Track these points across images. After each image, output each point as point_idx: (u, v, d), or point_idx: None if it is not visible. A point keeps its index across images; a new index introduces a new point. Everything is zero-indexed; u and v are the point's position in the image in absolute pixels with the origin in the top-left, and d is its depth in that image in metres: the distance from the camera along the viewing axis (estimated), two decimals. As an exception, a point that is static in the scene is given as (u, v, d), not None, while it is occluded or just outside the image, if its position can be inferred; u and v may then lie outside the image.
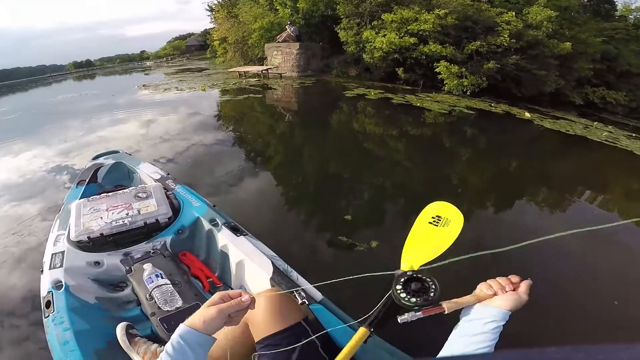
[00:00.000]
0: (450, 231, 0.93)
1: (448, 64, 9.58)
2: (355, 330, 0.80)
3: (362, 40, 11.26)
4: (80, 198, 1.86)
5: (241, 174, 3.76)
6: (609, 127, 8.50)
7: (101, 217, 1.64)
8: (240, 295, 0.71)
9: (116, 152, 2.68)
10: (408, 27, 10.23)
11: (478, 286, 0.74)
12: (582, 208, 3.49)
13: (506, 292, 0.69)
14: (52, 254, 1.45)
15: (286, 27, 13.24)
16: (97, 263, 1.48)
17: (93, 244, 1.55)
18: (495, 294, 0.69)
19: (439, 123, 6.57)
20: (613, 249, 2.65)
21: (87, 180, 2.18)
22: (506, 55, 9.75)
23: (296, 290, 1.18)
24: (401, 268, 0.83)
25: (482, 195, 3.60)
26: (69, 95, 13.80)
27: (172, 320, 1.21)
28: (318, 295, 1.19)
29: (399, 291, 0.67)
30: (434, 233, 0.94)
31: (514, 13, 10.29)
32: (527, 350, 0.25)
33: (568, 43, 10.37)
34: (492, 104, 8.97)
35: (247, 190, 3.39)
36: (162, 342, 1.15)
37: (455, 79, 9.59)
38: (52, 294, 1.23)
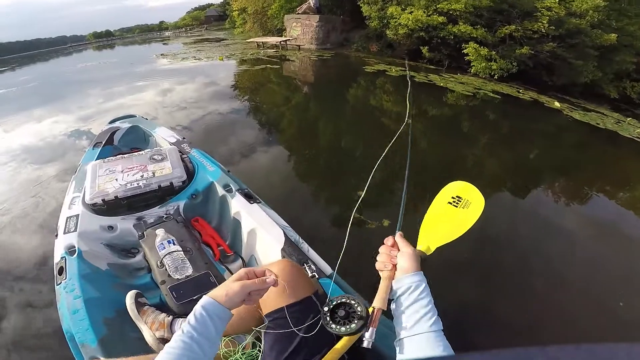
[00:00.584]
0: (470, 213, 0.88)
1: (478, 45, 9.09)
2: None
3: (386, 16, 10.76)
4: (96, 159, 1.86)
5: (255, 143, 3.76)
6: (644, 124, 7.97)
7: (116, 179, 1.63)
8: (264, 274, 0.71)
9: (133, 116, 2.68)
10: (438, 6, 9.68)
11: (377, 269, 0.74)
12: (601, 203, 3.33)
13: (395, 258, 0.71)
14: (67, 218, 1.45)
15: (308, -2, 12.77)
16: (110, 227, 1.47)
17: (107, 207, 1.54)
18: (394, 266, 0.71)
19: (460, 105, 6.30)
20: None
21: (103, 143, 2.18)
22: (542, 42, 9.15)
23: (306, 263, 1.16)
24: (417, 247, 0.82)
25: (498, 180, 3.48)
26: (88, 63, 13.97)
27: (182, 289, 1.20)
28: (328, 269, 1.16)
29: (336, 329, 0.65)
30: (453, 214, 0.89)
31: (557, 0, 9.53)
32: (528, 349, 0.25)
33: (614, 35, 9.60)
34: (520, 90, 8.54)
35: (260, 160, 3.40)
36: (170, 312, 1.13)
37: (483, 61, 9.12)
38: (65, 259, 1.22)
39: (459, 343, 0.61)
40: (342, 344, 0.74)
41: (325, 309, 0.69)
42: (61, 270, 1.18)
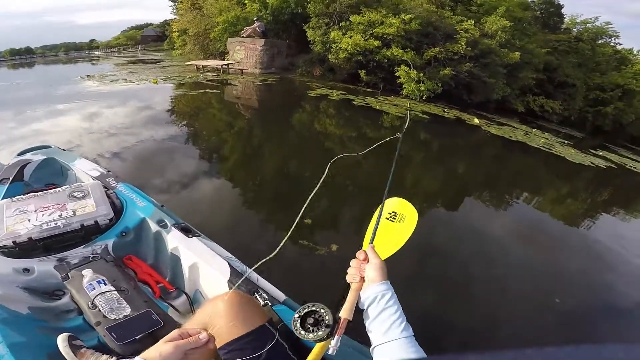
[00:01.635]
0: (406, 227, 0.95)
1: (408, 68, 9.97)
2: None
3: (329, 41, 11.37)
4: (3, 198, 1.63)
5: (195, 172, 3.59)
6: (546, 134, 9.47)
7: (29, 220, 1.46)
8: (198, 333, 0.70)
9: (47, 147, 2.37)
10: (374, 30, 10.51)
11: (347, 280, 0.78)
12: (521, 208, 3.84)
13: (364, 270, 0.75)
14: None
15: (255, 20, 12.90)
16: (26, 270, 1.33)
17: (20, 249, 1.39)
18: (362, 277, 0.75)
19: (395, 126, 6.82)
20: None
21: (10, 179, 1.90)
22: (461, 62, 10.39)
23: (257, 292, 1.15)
24: None
25: (433, 195, 3.82)
26: (-4, 84, 12.17)
27: (122, 329, 1.12)
28: (281, 296, 1.16)
29: (305, 335, 0.68)
30: (391, 228, 0.95)
31: (473, 21, 10.98)
32: (525, 350, 0.25)
33: (517, 53, 11.29)
34: (445, 110, 9.55)
35: (201, 190, 3.25)
36: (112, 353, 1.06)
37: (413, 83, 10.03)
38: None
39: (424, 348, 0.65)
40: (313, 355, 0.75)
41: (296, 315, 0.70)
42: None
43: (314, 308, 0.70)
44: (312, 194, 0.90)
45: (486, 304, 2.11)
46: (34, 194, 1.66)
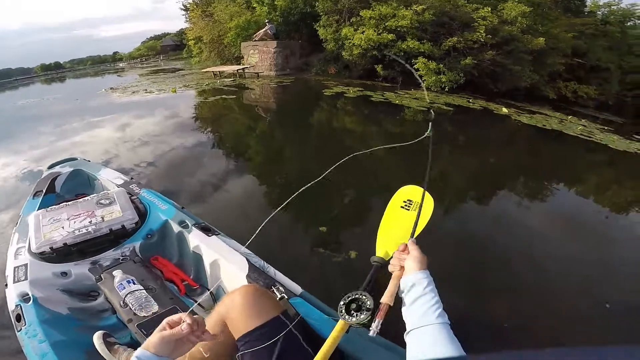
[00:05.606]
0: (422, 215, 0.92)
1: (426, 60, 9.71)
2: (337, 321, 0.81)
3: (341, 38, 11.27)
4: (38, 209, 1.76)
5: (220, 175, 3.68)
6: (582, 120, 8.87)
7: (62, 227, 1.57)
8: (180, 321, 0.71)
9: (74, 159, 2.55)
10: (386, 24, 10.31)
11: (389, 269, 0.82)
12: (561, 198, 3.58)
13: (404, 260, 0.78)
14: (15, 267, 1.40)
15: (265, 23, 13.05)
16: (64, 274, 1.44)
17: (57, 254, 1.50)
18: (402, 267, 0.78)
19: (418, 120, 6.65)
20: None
21: (44, 191, 2.06)
22: (482, 50, 9.98)
23: (274, 285, 1.18)
24: (376, 254, 0.88)
25: (464, 187, 3.66)
26: (30, 100, 13.01)
27: (151, 325, 1.18)
28: (297, 289, 1.19)
29: (350, 319, 0.73)
30: (406, 217, 0.93)
31: (489, 9, 10.54)
32: (525, 352, 0.22)
33: (541, 38, 10.68)
34: (470, 100, 9.18)
35: (227, 191, 3.33)
36: None
37: (433, 75, 9.75)
38: (21, 307, 1.20)
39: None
40: (337, 331, 0.78)
41: (341, 302, 0.75)
42: (19, 317, 1.17)
43: (356, 295, 0.75)
44: (309, 184, 0.89)
45: (528, 299, 1.97)
46: (65, 203, 1.79)
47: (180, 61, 24.33)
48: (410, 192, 1.01)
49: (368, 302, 0.73)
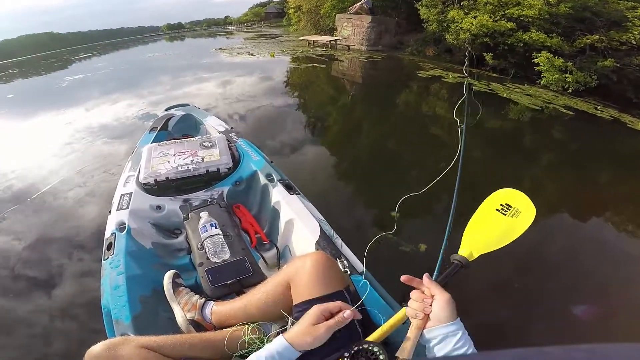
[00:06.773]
0: (518, 223, 0.83)
1: (551, 55, 8.27)
2: (394, 309, 0.76)
3: (446, 20, 10.28)
4: (152, 143, 2.00)
5: (301, 138, 3.91)
6: None
7: (168, 161, 1.73)
8: (339, 309, 0.71)
9: (187, 105, 2.87)
10: (506, 11, 9.02)
11: (408, 315, 0.69)
12: None
13: (429, 307, 0.65)
14: (121, 195, 1.53)
15: (362, -3, 12.62)
16: (158, 207, 1.54)
17: (158, 187, 1.62)
18: (426, 315, 0.66)
19: (525, 119, 5.77)
20: None
21: (159, 128, 2.34)
22: (631, 54, 8.08)
23: (339, 258, 1.15)
24: (459, 252, 0.80)
25: (556, 200, 3.12)
26: (156, 54, 15.23)
27: (218, 272, 1.22)
28: (360, 267, 1.14)
29: None
30: (500, 221, 0.85)
31: (652, 8, 8.36)
32: (526, 350, 0.24)
33: None
34: (598, 107, 7.59)
35: (304, 154, 3.51)
36: (203, 294, 1.15)
37: (556, 72, 8.27)
38: (115, 235, 1.28)
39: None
40: (395, 320, 0.73)
41: (346, 354, 0.65)
42: (110, 246, 1.24)
43: (365, 346, 0.64)
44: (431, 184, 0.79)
45: (581, 337, 1.64)
46: (174, 140, 1.98)
47: (279, 28, 25.31)
48: (510, 196, 0.89)
49: (381, 357, 0.62)
